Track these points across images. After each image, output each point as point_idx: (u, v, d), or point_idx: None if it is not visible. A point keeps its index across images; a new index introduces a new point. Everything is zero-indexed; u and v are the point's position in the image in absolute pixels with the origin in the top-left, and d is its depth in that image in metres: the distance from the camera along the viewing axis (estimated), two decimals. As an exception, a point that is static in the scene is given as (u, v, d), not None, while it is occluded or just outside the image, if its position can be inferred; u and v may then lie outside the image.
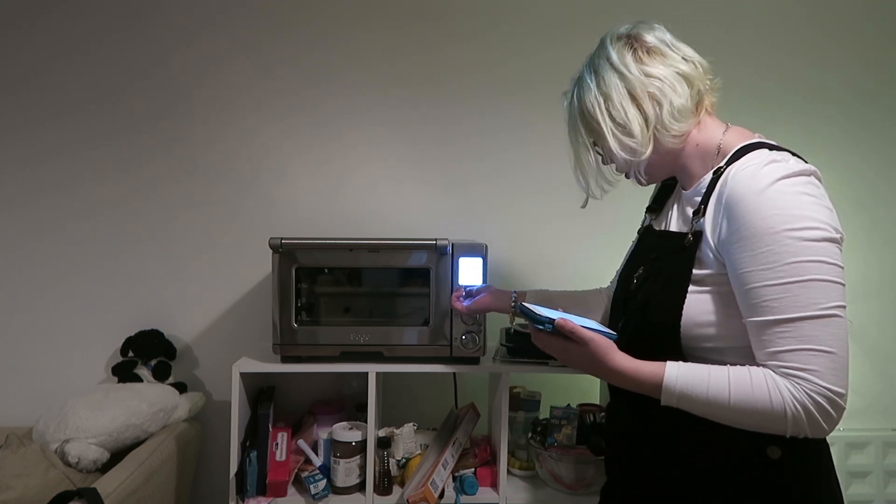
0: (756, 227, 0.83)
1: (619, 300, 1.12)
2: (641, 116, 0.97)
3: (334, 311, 1.67)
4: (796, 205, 0.83)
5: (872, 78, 2.05)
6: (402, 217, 1.98)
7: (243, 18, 1.95)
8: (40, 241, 1.93)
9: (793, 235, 0.81)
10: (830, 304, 0.81)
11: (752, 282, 0.84)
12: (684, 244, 0.95)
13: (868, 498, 2.00)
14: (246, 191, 1.97)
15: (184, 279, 1.96)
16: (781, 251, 0.81)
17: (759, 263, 0.83)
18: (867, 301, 2.04)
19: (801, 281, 0.81)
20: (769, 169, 0.86)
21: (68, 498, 1.30)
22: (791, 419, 0.82)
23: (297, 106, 1.97)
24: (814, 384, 0.80)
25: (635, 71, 0.98)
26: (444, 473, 1.57)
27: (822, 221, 0.83)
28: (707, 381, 0.87)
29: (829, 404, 0.81)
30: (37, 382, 1.93)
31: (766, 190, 0.84)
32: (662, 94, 0.96)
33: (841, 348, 0.81)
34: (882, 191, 2.06)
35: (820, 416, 0.81)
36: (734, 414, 0.86)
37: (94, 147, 1.93)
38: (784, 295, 0.81)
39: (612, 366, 0.94)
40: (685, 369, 0.89)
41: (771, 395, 0.82)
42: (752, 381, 0.84)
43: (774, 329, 0.82)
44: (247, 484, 1.55)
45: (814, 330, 0.81)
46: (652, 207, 1.19)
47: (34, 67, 1.92)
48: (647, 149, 0.98)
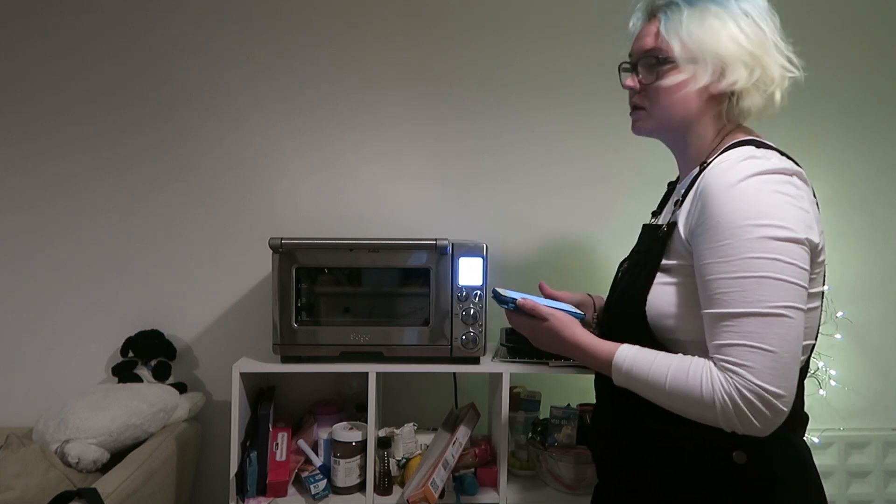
0: (719, 219, 0.83)
1: (610, 295, 1.15)
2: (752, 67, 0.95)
3: (334, 311, 1.67)
4: (765, 202, 0.82)
5: (873, 78, 2.05)
6: (402, 217, 1.98)
7: (243, 18, 1.95)
8: (40, 241, 1.93)
9: (753, 231, 0.81)
10: (780, 303, 0.80)
11: (709, 273, 0.84)
12: (658, 235, 0.96)
13: (868, 498, 2.00)
14: (246, 191, 1.97)
15: (184, 279, 1.95)
16: (739, 245, 0.81)
17: (716, 256, 0.83)
18: (867, 301, 2.04)
19: (753, 277, 0.81)
20: (745, 164, 0.86)
21: (68, 498, 1.30)
22: (720, 411, 0.82)
23: (296, 106, 1.97)
24: (745, 380, 0.80)
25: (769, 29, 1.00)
26: (444, 473, 1.57)
27: (790, 221, 0.82)
28: (651, 364, 0.89)
29: (761, 402, 0.80)
30: (37, 382, 1.93)
31: (737, 184, 0.84)
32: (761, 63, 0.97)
33: (784, 349, 0.80)
34: (882, 191, 2.06)
35: (749, 413, 0.80)
36: (669, 399, 0.87)
37: (94, 147, 1.93)
38: (734, 289, 0.81)
39: (572, 339, 0.99)
40: (635, 351, 0.92)
41: (703, 385, 0.83)
42: (689, 371, 0.85)
43: (721, 322, 0.83)
44: (247, 484, 1.55)
45: (756, 327, 0.80)
46: (656, 212, 1.20)
47: (33, 67, 1.92)
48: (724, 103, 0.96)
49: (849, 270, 2.04)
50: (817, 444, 1.96)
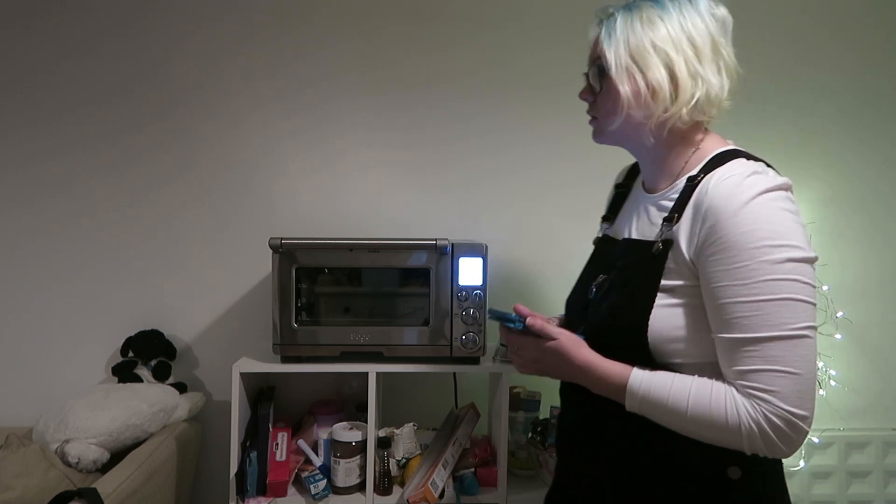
0: (734, 240, 0.81)
1: (577, 309, 1.07)
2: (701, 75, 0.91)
3: (334, 311, 1.67)
4: (776, 221, 0.81)
5: (873, 78, 2.05)
6: (402, 217, 1.98)
7: (243, 19, 1.95)
8: (40, 241, 1.93)
9: (770, 252, 0.79)
10: (801, 324, 0.79)
11: (725, 297, 0.82)
12: (653, 252, 0.91)
13: (868, 498, 2.00)
14: (246, 191, 1.96)
15: (184, 279, 1.95)
16: (758, 267, 0.79)
17: (733, 278, 0.81)
18: (867, 301, 2.04)
19: (774, 300, 0.79)
20: (751, 181, 0.84)
21: (68, 498, 1.30)
22: (746, 438, 0.81)
23: (296, 106, 1.97)
24: (773, 406, 0.79)
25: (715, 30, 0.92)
26: (444, 473, 1.57)
27: (801, 240, 0.81)
28: (669, 388, 0.85)
29: (788, 426, 0.79)
30: (37, 382, 1.92)
31: (748, 203, 0.81)
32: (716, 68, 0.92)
33: (807, 370, 0.79)
34: (882, 191, 2.06)
35: (777, 438, 0.79)
36: (691, 425, 0.84)
37: (94, 147, 1.93)
38: (756, 313, 0.80)
39: (581, 360, 0.92)
40: (650, 374, 0.87)
41: (727, 412, 0.81)
42: (711, 396, 0.83)
43: (743, 347, 0.81)
44: (247, 484, 1.55)
45: (781, 350, 0.79)
46: (607, 216, 1.15)
47: (33, 67, 1.92)
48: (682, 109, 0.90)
49: (849, 270, 2.04)
50: (817, 444, 1.96)
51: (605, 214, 1.16)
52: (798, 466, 1.97)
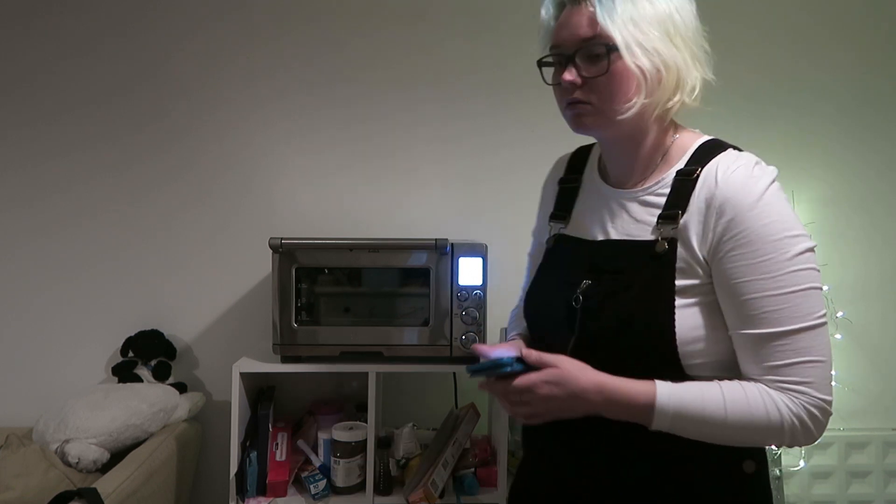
0: (757, 234, 0.80)
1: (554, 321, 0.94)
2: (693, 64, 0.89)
3: (334, 311, 1.67)
4: (787, 212, 0.82)
5: (873, 78, 2.05)
6: (403, 217, 1.98)
7: (243, 19, 1.95)
8: (40, 240, 1.93)
9: (790, 244, 0.80)
10: (821, 312, 0.81)
11: (751, 292, 0.80)
12: (657, 252, 0.86)
13: (868, 498, 2.00)
14: (246, 191, 1.97)
15: (184, 279, 1.95)
16: (782, 260, 0.79)
17: (758, 273, 0.80)
18: (867, 301, 2.04)
19: (800, 290, 0.79)
20: (759, 172, 0.83)
21: (68, 498, 1.30)
22: (789, 433, 0.80)
23: (296, 106, 1.97)
24: (811, 397, 0.80)
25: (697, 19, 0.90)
26: (444, 473, 1.57)
27: (804, 229, 0.82)
28: (702, 398, 0.81)
29: (822, 414, 0.80)
30: (37, 382, 1.92)
31: (763, 195, 0.81)
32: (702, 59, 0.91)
33: (829, 355, 0.81)
34: (882, 191, 2.06)
35: (814, 427, 0.80)
36: (729, 431, 0.82)
37: (94, 147, 1.93)
38: (785, 306, 0.79)
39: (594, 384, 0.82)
40: (676, 388, 0.82)
41: (769, 411, 0.80)
42: (747, 398, 0.81)
43: (773, 342, 0.80)
44: (247, 484, 1.55)
45: (811, 341, 0.79)
46: (558, 214, 1.05)
47: (33, 67, 1.92)
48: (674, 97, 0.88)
49: (849, 270, 2.04)
50: (817, 444, 1.96)
51: (555, 212, 1.06)
52: (798, 466, 1.97)
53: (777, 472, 1.91)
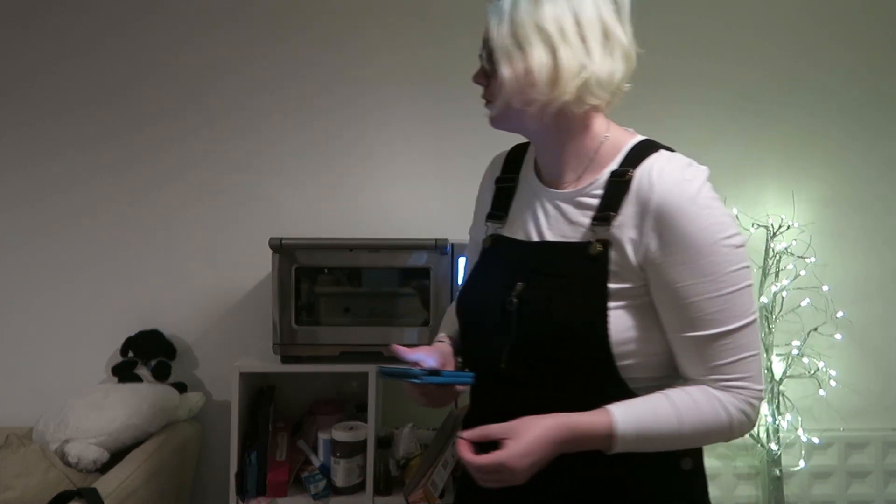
0: (695, 238, 0.80)
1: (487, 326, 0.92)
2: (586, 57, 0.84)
3: (334, 311, 1.67)
4: (720, 211, 0.82)
5: (873, 78, 2.05)
6: (402, 216, 1.98)
7: (243, 19, 1.95)
8: (40, 240, 1.93)
9: (727, 244, 0.81)
10: (754, 307, 0.84)
11: (693, 295, 0.80)
12: (591, 254, 0.84)
13: (868, 498, 2.00)
14: (246, 191, 1.96)
15: (184, 279, 1.95)
16: (721, 261, 0.80)
17: (699, 276, 0.80)
18: (867, 301, 2.04)
19: (738, 290, 0.81)
20: (692, 173, 0.83)
21: (68, 498, 1.31)
22: (737, 428, 0.83)
23: (296, 106, 1.96)
24: (751, 390, 0.82)
25: (607, 11, 0.86)
26: (444, 473, 1.57)
27: (736, 226, 0.83)
28: (655, 416, 0.81)
29: (758, 401, 0.84)
30: (37, 382, 1.92)
31: (696, 197, 0.81)
32: (609, 51, 0.85)
33: (760, 347, 0.84)
34: (882, 191, 2.06)
35: (753, 416, 0.84)
36: (687, 440, 0.85)
37: (94, 147, 1.93)
38: (726, 306, 0.80)
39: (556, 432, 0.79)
40: (630, 411, 0.81)
41: (718, 412, 0.82)
42: (698, 404, 0.82)
43: (718, 342, 0.81)
44: (247, 484, 1.55)
45: (749, 336, 0.82)
46: (495, 214, 1.02)
47: (33, 67, 1.92)
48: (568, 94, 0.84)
49: (849, 270, 2.04)
50: (817, 445, 1.96)
51: (493, 212, 1.03)
52: (798, 466, 1.97)
53: (777, 472, 1.91)
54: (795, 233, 1.97)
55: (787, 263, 1.96)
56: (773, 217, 1.98)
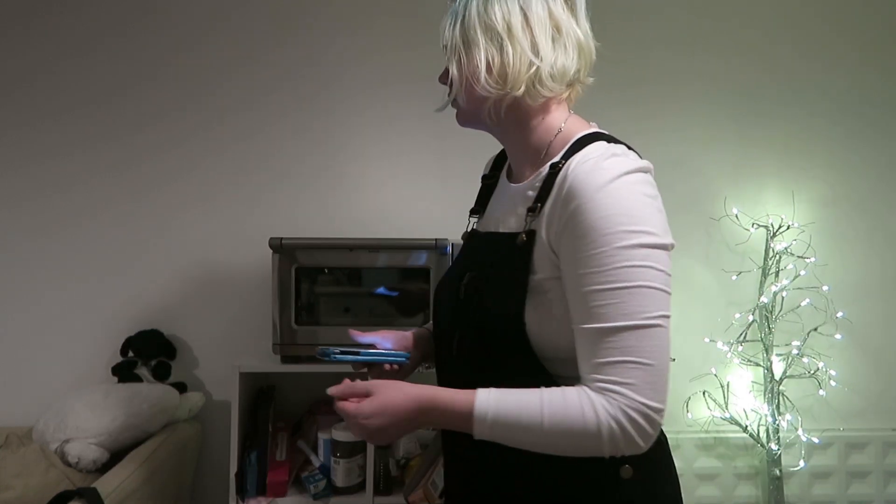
0: (591, 225, 0.77)
1: (446, 315, 0.98)
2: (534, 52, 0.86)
3: (334, 311, 1.67)
4: (635, 205, 0.78)
5: (874, 77, 2.05)
6: (402, 216, 1.98)
7: (245, 20, 1.95)
8: (40, 240, 1.93)
9: (626, 238, 0.76)
10: (655, 313, 0.76)
11: (584, 285, 0.77)
12: (517, 244, 0.86)
13: (868, 498, 2.00)
14: (246, 191, 1.96)
15: (184, 279, 1.95)
16: (614, 254, 0.76)
17: (591, 266, 0.77)
18: (867, 301, 2.04)
19: (630, 287, 0.75)
20: (610, 163, 0.80)
21: (68, 498, 1.31)
22: (607, 439, 0.75)
23: (297, 106, 1.96)
24: (630, 399, 0.75)
25: (557, 6, 0.87)
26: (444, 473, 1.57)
27: (657, 226, 0.78)
28: (518, 404, 0.78)
29: (644, 420, 0.75)
30: (37, 382, 1.92)
31: (605, 186, 0.77)
32: (562, 45, 0.87)
33: (661, 361, 0.76)
34: (883, 191, 2.06)
35: (635, 433, 0.75)
36: (549, 438, 0.78)
37: (94, 147, 1.93)
38: (612, 301, 0.76)
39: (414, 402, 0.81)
40: (497, 394, 0.80)
41: (585, 414, 0.76)
42: (565, 401, 0.77)
43: (601, 338, 0.76)
44: (247, 484, 1.55)
45: (636, 341, 0.75)
46: (475, 209, 1.08)
47: (33, 67, 1.92)
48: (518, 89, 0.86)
49: (849, 270, 2.04)
50: (817, 445, 1.96)
51: (474, 208, 1.08)
52: (798, 466, 1.97)
53: (777, 473, 1.91)
54: (795, 233, 1.97)
55: (787, 263, 1.96)
56: (773, 217, 1.98)
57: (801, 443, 1.95)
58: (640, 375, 0.75)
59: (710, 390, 1.98)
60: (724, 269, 2.00)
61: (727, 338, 1.97)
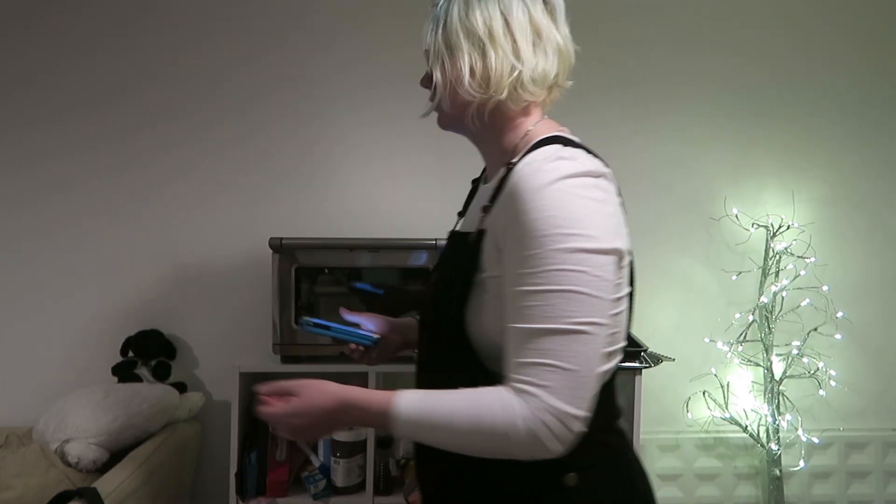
0: (528, 227, 0.76)
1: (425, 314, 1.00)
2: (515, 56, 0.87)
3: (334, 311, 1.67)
4: (573, 209, 0.76)
5: (874, 77, 2.05)
6: (402, 216, 1.98)
7: (245, 20, 1.95)
8: (40, 240, 1.93)
9: (561, 241, 0.75)
10: (582, 318, 0.74)
11: (517, 285, 0.77)
12: (467, 243, 0.87)
13: (868, 498, 2.00)
14: (246, 191, 1.96)
15: (184, 279, 1.95)
16: (546, 256, 0.75)
17: (524, 266, 0.76)
18: (867, 301, 2.04)
19: (558, 290, 0.74)
20: (554, 166, 0.79)
21: (68, 498, 1.31)
22: (514, 440, 0.74)
23: (296, 106, 1.96)
24: (545, 403, 0.73)
25: (538, 12, 0.89)
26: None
27: (598, 230, 0.76)
28: (435, 403, 0.78)
29: (559, 424, 0.73)
30: (37, 382, 1.92)
31: (545, 188, 0.76)
32: (542, 49, 0.88)
33: (584, 367, 0.74)
34: (883, 191, 2.06)
35: (546, 437, 0.74)
36: (463, 438, 0.77)
37: (95, 147, 1.93)
38: (539, 303, 0.75)
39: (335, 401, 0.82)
40: (418, 394, 0.80)
41: (495, 414, 0.75)
42: (478, 399, 0.77)
43: (524, 338, 0.76)
44: (247, 484, 1.55)
45: (558, 345, 0.74)
46: (461, 212, 1.09)
47: (33, 67, 1.92)
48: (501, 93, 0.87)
49: (849, 270, 2.04)
50: (817, 445, 1.96)
51: (461, 209, 1.11)
52: (798, 466, 1.97)
53: (777, 473, 1.91)
54: (795, 233, 1.97)
55: (787, 263, 1.96)
56: (773, 217, 1.98)
57: (801, 443, 1.95)
58: (558, 379, 0.74)
59: (710, 390, 1.98)
60: (724, 269, 2.00)
61: (727, 338, 1.97)
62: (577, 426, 0.74)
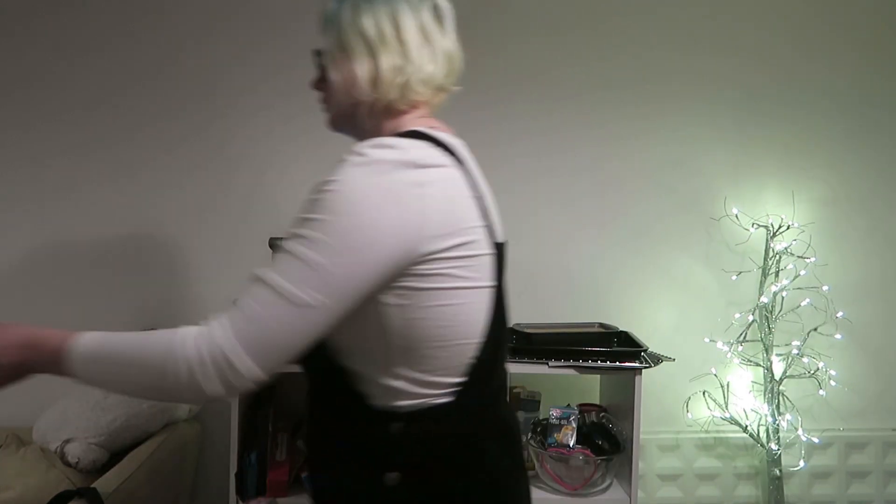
0: (312, 192, 0.83)
1: None
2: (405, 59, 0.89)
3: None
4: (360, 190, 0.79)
5: (874, 77, 2.05)
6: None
7: (248, 20, 1.95)
8: (41, 240, 1.93)
9: (320, 213, 0.79)
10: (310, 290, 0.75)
11: None
12: None
13: (868, 498, 2.00)
14: (247, 191, 1.96)
15: (185, 279, 1.95)
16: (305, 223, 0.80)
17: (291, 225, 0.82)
18: (867, 301, 2.04)
19: (297, 257, 0.77)
20: (367, 150, 0.81)
21: (68, 497, 1.31)
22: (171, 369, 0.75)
23: (299, 108, 1.96)
24: (214, 333, 0.74)
25: (427, 17, 0.91)
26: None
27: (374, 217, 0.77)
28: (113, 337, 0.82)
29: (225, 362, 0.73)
30: (37, 382, 1.91)
31: (344, 167, 0.82)
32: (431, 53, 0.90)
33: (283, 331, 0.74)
34: (882, 191, 2.06)
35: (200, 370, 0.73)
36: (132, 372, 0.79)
37: (97, 147, 1.93)
38: (281, 261, 0.79)
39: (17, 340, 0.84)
40: (97, 334, 0.83)
41: (162, 341, 0.77)
42: (154, 334, 0.80)
43: (249, 281, 0.81)
44: (247, 484, 1.55)
45: (269, 298, 0.76)
46: None
47: (34, 67, 1.92)
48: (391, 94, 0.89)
49: (849, 270, 2.04)
50: (817, 445, 1.96)
51: None
52: (798, 466, 1.97)
53: (777, 473, 1.91)
54: (795, 233, 1.97)
55: (787, 263, 1.96)
56: (773, 217, 1.98)
57: (801, 443, 1.95)
58: (246, 324, 0.74)
59: (710, 390, 1.98)
60: (724, 269, 2.01)
61: (727, 338, 1.97)
62: (244, 372, 0.73)
